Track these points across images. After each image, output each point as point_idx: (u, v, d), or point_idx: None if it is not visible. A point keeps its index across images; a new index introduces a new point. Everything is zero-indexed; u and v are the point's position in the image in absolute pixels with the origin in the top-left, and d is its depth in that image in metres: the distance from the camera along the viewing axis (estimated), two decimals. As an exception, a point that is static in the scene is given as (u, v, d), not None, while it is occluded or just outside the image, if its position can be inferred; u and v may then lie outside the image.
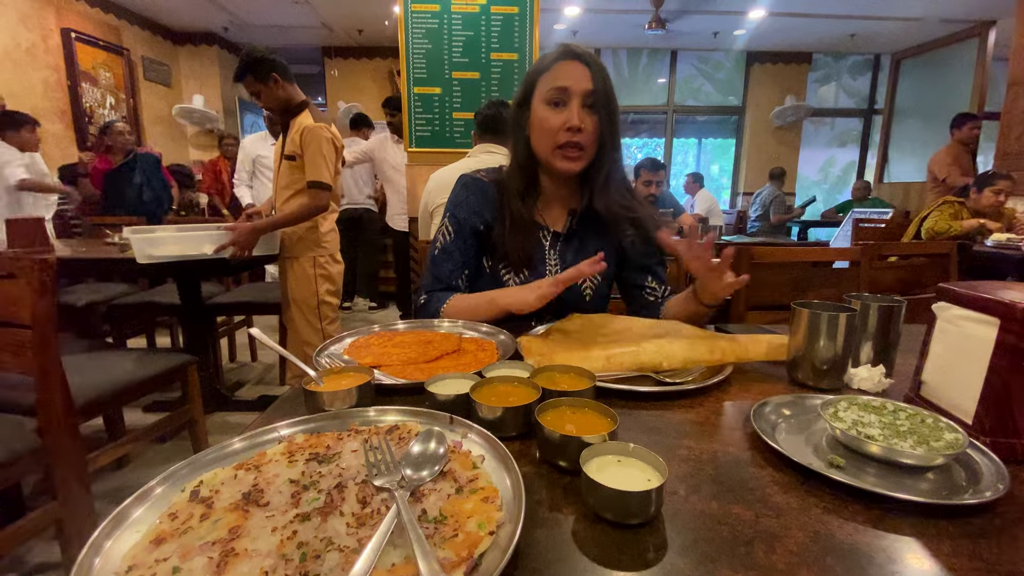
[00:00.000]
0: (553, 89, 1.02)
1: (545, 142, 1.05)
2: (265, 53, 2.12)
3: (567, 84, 1.01)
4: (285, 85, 2.17)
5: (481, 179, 1.17)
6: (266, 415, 0.66)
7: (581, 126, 1.01)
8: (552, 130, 1.03)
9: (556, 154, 1.04)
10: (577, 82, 1.00)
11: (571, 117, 1.00)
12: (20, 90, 4.26)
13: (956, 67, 5.94)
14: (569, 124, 1.00)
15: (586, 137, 1.02)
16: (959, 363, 0.63)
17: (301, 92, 2.26)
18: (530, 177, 1.12)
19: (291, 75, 2.21)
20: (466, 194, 1.16)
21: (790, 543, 0.43)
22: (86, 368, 1.67)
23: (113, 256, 2.28)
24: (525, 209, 1.11)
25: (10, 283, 1.26)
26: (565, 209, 1.16)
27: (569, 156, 1.04)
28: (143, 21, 5.71)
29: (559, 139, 1.02)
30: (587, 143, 1.03)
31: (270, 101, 2.20)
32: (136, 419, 2.44)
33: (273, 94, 2.17)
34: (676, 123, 7.42)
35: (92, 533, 0.40)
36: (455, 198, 1.17)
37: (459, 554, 0.38)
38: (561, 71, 1.02)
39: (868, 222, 4.39)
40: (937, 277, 1.90)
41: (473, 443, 0.55)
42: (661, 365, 0.77)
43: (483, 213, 1.14)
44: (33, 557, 1.60)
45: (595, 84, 1.00)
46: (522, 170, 1.12)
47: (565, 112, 1.01)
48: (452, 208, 1.16)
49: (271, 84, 2.14)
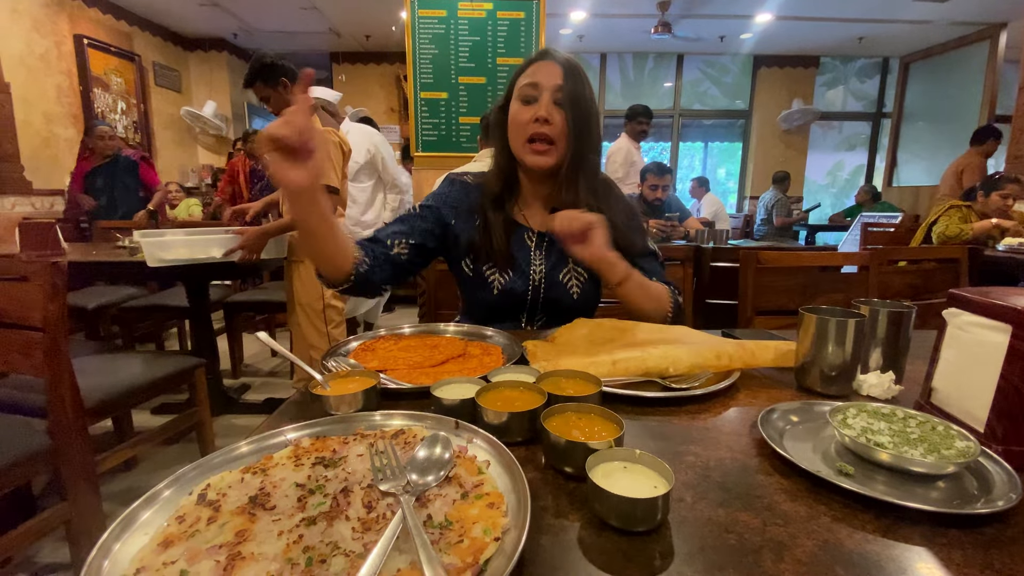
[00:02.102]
0: (525, 85, 1.04)
1: (517, 137, 1.07)
2: (274, 59, 2.14)
3: (538, 80, 1.03)
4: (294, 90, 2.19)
5: (467, 181, 1.20)
6: (273, 419, 0.66)
7: (548, 118, 1.02)
8: (522, 124, 1.05)
9: (526, 148, 1.06)
10: (548, 78, 1.03)
11: (539, 109, 1.02)
12: (34, 95, 4.32)
13: (966, 70, 5.89)
14: (536, 115, 1.02)
15: (554, 130, 1.03)
16: (970, 370, 0.62)
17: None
18: (508, 178, 1.14)
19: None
20: (450, 190, 1.19)
21: (798, 552, 0.42)
22: (95, 370, 1.68)
23: (123, 260, 2.31)
24: (504, 210, 1.13)
25: (22, 286, 1.28)
26: (546, 209, 1.16)
27: (537, 150, 1.05)
28: (154, 27, 5.79)
29: (528, 131, 1.04)
30: (556, 136, 1.04)
31: (280, 106, 2.22)
32: (144, 421, 2.45)
33: (283, 99, 2.19)
34: (682, 127, 7.41)
35: (100, 534, 0.41)
36: (438, 191, 1.20)
37: (464, 560, 0.38)
38: (535, 69, 1.05)
39: (877, 226, 4.35)
40: (948, 282, 1.88)
41: (479, 448, 0.55)
42: (668, 371, 0.77)
43: (458, 211, 1.16)
44: (43, 557, 1.62)
45: (565, 80, 1.03)
46: (501, 171, 1.14)
47: (534, 107, 1.04)
48: (431, 197, 1.19)
49: (280, 89, 2.16)
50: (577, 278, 1.14)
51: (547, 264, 1.14)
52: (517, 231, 1.14)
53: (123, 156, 3.86)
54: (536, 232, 1.15)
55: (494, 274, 1.13)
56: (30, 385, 1.56)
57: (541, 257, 1.14)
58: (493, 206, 1.13)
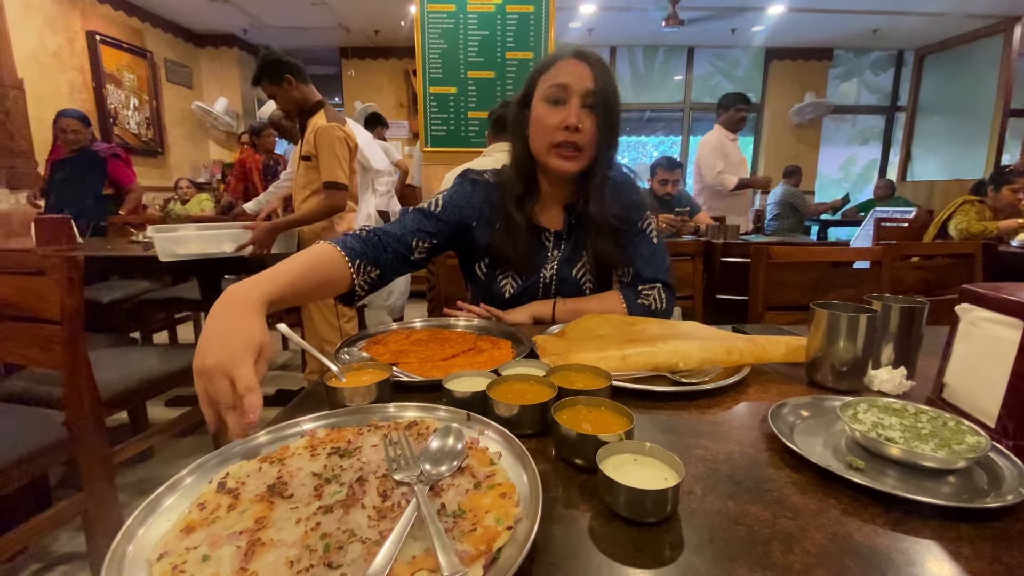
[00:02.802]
0: (553, 86, 1.00)
1: (542, 140, 1.03)
2: (279, 55, 2.15)
3: (567, 81, 0.99)
4: (300, 86, 2.21)
5: (488, 180, 1.16)
6: (288, 410, 0.68)
7: (579, 125, 0.98)
8: (549, 128, 1.00)
9: (552, 152, 1.02)
10: (578, 80, 0.98)
11: (569, 115, 0.98)
12: (47, 92, 4.37)
13: (981, 63, 5.80)
14: (567, 123, 0.98)
15: (584, 137, 1.00)
16: (982, 365, 0.62)
17: (317, 92, 2.29)
18: (528, 179, 1.10)
19: (306, 76, 2.24)
20: (472, 190, 1.13)
21: (807, 544, 0.43)
22: (111, 363, 1.71)
23: (138, 254, 2.34)
24: (524, 213, 1.09)
25: (40, 280, 1.30)
26: (561, 207, 1.14)
27: (565, 155, 1.01)
28: (165, 24, 5.83)
29: (556, 138, 1.00)
30: (585, 143, 1.01)
31: (286, 103, 2.24)
32: (158, 413, 2.49)
33: (288, 96, 2.21)
34: (693, 120, 7.35)
35: (118, 522, 0.42)
36: (459, 188, 1.14)
37: (478, 548, 0.39)
38: (562, 69, 1.00)
39: (890, 221, 4.31)
40: (962, 278, 1.86)
41: (490, 440, 0.56)
42: (677, 365, 0.77)
43: (480, 214, 1.12)
44: (59, 547, 1.65)
45: (596, 84, 0.98)
46: (520, 172, 1.10)
47: (564, 110, 0.99)
48: (452, 193, 1.12)
49: (285, 86, 2.18)
50: (591, 273, 1.14)
51: (561, 262, 1.13)
52: (535, 232, 1.13)
53: (91, 150, 3.43)
54: (552, 232, 1.14)
55: (507, 279, 1.13)
56: (48, 378, 1.59)
57: (556, 256, 1.14)
58: (517, 208, 1.09)
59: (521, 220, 1.09)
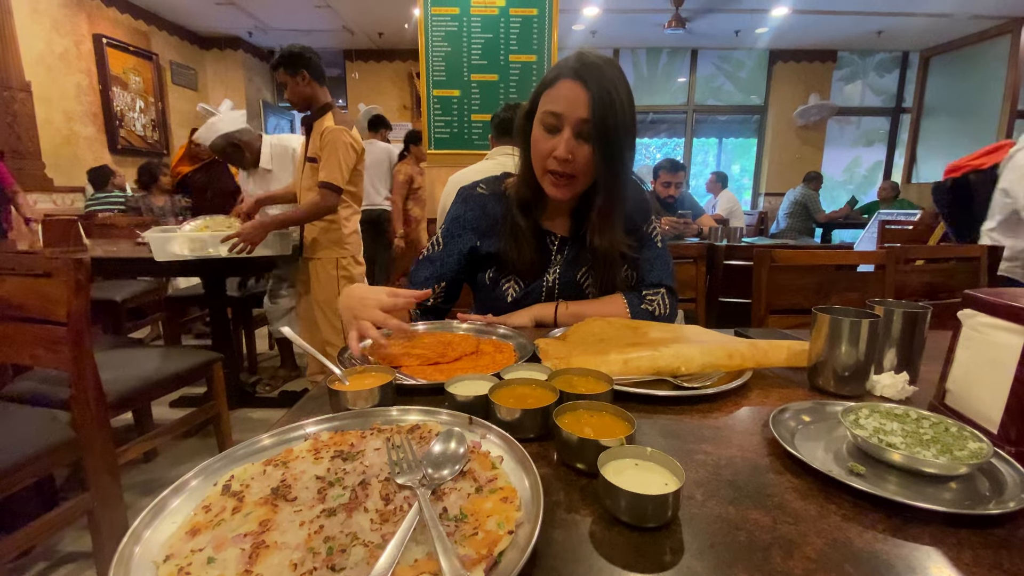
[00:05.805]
0: (547, 112, 0.97)
1: (537, 163, 1.03)
2: (302, 50, 2.23)
3: (560, 110, 0.95)
4: (312, 83, 2.26)
5: (481, 193, 1.17)
6: (292, 413, 0.68)
7: (568, 157, 0.96)
8: (542, 155, 1.00)
9: (546, 178, 1.02)
10: (572, 108, 0.94)
11: (558, 146, 0.96)
12: (54, 94, 4.41)
13: (987, 64, 5.78)
14: (556, 154, 0.97)
15: (577, 167, 0.98)
16: (985, 371, 0.62)
17: (328, 95, 2.32)
18: (535, 187, 1.10)
19: (322, 77, 2.31)
20: (464, 210, 1.15)
21: (808, 549, 0.43)
22: (117, 364, 1.72)
23: (143, 256, 2.36)
24: (529, 218, 1.10)
25: (47, 282, 1.31)
26: (568, 213, 1.14)
27: (557, 184, 1.01)
28: (171, 26, 5.87)
29: (548, 165, 1.00)
30: (579, 171, 0.99)
31: (293, 96, 2.28)
32: (163, 414, 2.51)
33: (298, 89, 2.26)
34: (696, 123, 7.35)
35: (124, 522, 0.43)
36: (454, 212, 1.16)
37: (479, 552, 0.40)
38: (560, 92, 0.96)
39: (895, 224, 4.28)
40: (967, 282, 1.85)
41: (492, 444, 0.56)
42: (679, 370, 0.77)
43: (480, 230, 1.14)
44: (65, 546, 1.66)
45: (593, 112, 0.93)
46: (527, 182, 1.09)
47: (556, 139, 0.97)
48: (448, 222, 1.16)
49: (297, 79, 2.24)
50: (594, 277, 1.15)
51: (564, 266, 1.13)
52: (541, 237, 1.14)
53: None
54: (558, 237, 1.15)
55: (509, 283, 1.14)
56: (53, 378, 1.60)
57: (559, 260, 1.14)
58: (522, 213, 1.10)
59: (526, 225, 1.09)
